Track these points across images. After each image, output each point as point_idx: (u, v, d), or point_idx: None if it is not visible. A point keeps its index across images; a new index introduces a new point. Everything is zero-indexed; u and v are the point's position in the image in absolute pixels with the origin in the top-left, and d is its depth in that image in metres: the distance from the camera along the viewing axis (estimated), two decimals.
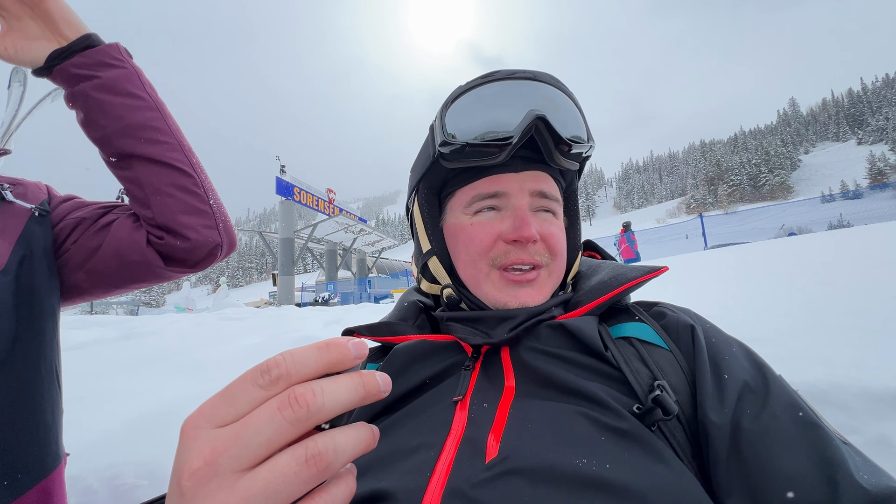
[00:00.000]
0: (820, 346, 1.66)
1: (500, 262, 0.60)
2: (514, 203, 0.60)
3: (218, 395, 0.27)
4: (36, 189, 0.80)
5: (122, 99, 0.75)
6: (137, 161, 0.76)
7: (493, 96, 0.60)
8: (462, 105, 0.61)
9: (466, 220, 0.63)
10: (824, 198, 32.21)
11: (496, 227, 0.60)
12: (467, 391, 0.52)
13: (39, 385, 0.70)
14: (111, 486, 1.53)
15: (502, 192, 0.61)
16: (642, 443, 0.42)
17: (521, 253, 0.59)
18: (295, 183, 22.85)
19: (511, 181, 0.61)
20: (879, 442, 1.17)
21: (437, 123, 0.62)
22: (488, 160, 0.59)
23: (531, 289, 0.60)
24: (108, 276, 0.79)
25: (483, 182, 0.62)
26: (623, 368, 0.50)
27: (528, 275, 0.60)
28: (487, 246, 0.60)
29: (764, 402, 0.45)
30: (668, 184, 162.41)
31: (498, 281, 0.60)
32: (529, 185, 0.61)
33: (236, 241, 0.86)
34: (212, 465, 0.24)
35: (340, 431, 0.27)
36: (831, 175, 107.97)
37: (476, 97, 0.61)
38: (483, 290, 0.61)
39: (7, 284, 0.66)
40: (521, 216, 0.58)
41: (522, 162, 0.61)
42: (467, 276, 0.63)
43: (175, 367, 2.89)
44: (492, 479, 0.40)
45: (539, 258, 0.60)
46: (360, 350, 0.28)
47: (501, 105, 0.59)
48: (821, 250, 3.84)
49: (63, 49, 0.74)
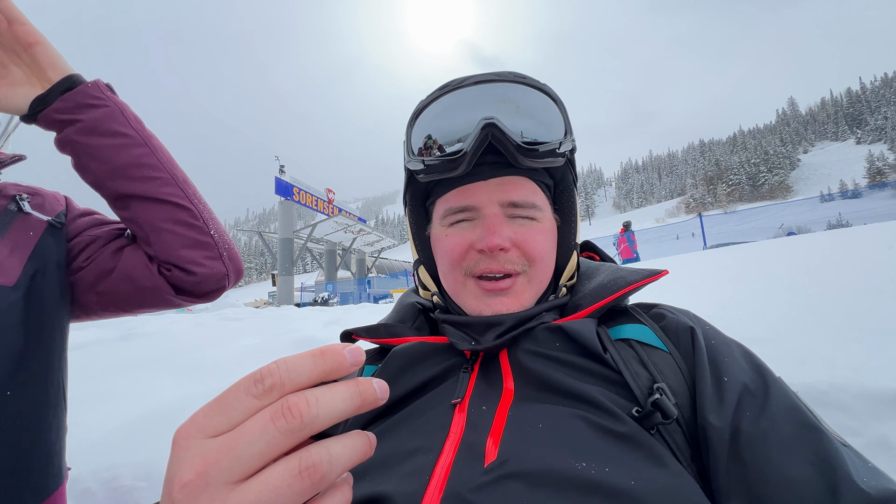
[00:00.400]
0: (820, 346, 1.66)
1: (472, 271, 0.60)
2: (484, 213, 0.60)
3: (211, 404, 0.26)
4: (54, 200, 0.80)
5: (107, 140, 0.73)
6: (133, 200, 0.75)
7: (449, 108, 0.60)
8: (424, 120, 0.61)
9: (443, 231, 0.63)
10: (823, 197, 32.25)
11: (467, 238, 0.60)
12: (466, 394, 0.52)
13: (45, 405, 0.70)
14: (109, 487, 1.52)
15: (471, 205, 0.61)
16: (641, 446, 0.42)
17: (490, 262, 0.59)
18: (294, 183, 22.86)
19: (480, 192, 0.60)
20: (880, 443, 1.17)
21: (405, 141, 0.62)
22: (451, 173, 0.59)
23: (506, 297, 0.59)
24: (119, 300, 0.79)
25: (453, 194, 0.62)
26: (622, 371, 0.50)
27: (501, 283, 0.59)
28: (459, 256, 0.61)
29: (764, 405, 0.45)
30: (668, 183, 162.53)
31: (474, 289, 0.61)
32: (497, 196, 0.60)
33: (242, 268, 0.86)
34: (203, 477, 0.24)
35: (336, 441, 0.26)
36: (830, 174, 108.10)
37: (434, 111, 0.61)
38: (461, 298, 0.62)
39: (16, 301, 0.66)
40: (487, 225, 0.58)
41: (491, 168, 0.60)
42: (447, 284, 0.64)
43: (174, 368, 2.88)
44: (491, 483, 0.40)
45: (512, 266, 0.59)
46: (356, 357, 0.27)
47: (456, 116, 0.59)
48: (820, 250, 3.85)
49: (44, 95, 0.71)
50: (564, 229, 0.66)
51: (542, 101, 0.60)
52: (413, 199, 0.69)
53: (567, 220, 0.66)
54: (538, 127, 0.59)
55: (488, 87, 0.59)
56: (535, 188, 0.62)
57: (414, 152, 0.61)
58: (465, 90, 0.59)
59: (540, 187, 0.63)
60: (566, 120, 0.60)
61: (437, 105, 0.60)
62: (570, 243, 0.66)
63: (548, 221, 0.63)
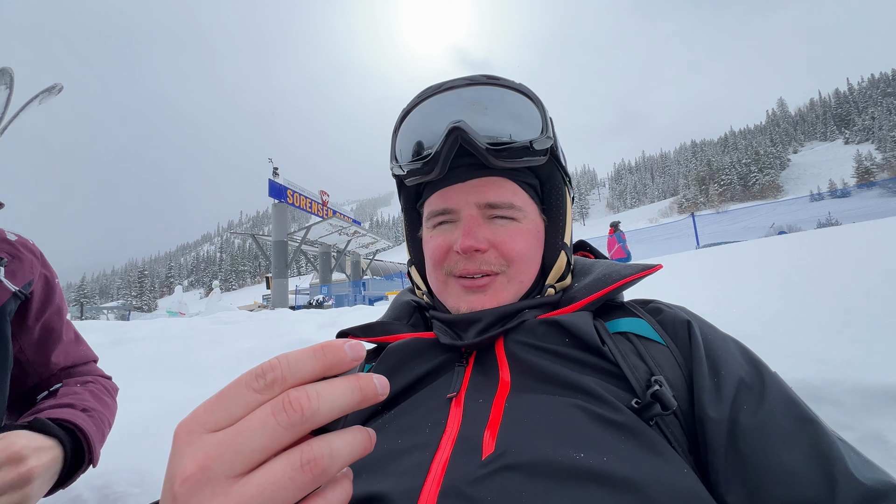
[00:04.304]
0: (812, 343, 1.67)
1: (452, 271, 0.62)
2: (462, 214, 0.62)
3: (212, 399, 0.27)
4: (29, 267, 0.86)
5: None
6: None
7: (425, 114, 0.62)
8: (404, 128, 0.64)
9: (428, 233, 0.66)
10: (813, 196, 32.65)
11: (448, 239, 0.62)
12: (461, 388, 0.52)
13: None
14: (101, 494, 1.50)
15: (448, 208, 0.62)
16: (639, 435, 0.42)
17: (467, 263, 0.60)
18: (288, 185, 22.72)
19: (457, 195, 0.62)
20: (872, 437, 1.18)
21: (390, 148, 0.65)
22: (428, 177, 0.61)
23: (483, 295, 0.60)
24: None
25: (434, 198, 0.64)
26: (620, 363, 0.50)
27: (478, 281, 0.60)
28: (441, 257, 0.63)
29: (760, 399, 0.45)
30: (661, 184, 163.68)
31: (454, 287, 0.62)
32: (474, 198, 0.61)
33: None
34: (205, 470, 0.24)
35: (336, 436, 0.26)
36: (819, 174, 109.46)
37: (413, 119, 0.63)
38: (443, 296, 0.64)
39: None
40: (465, 229, 0.59)
41: (468, 170, 0.61)
42: (432, 283, 0.66)
43: (167, 373, 2.86)
44: (488, 476, 0.40)
45: (489, 266, 0.60)
46: (356, 352, 0.28)
47: (431, 122, 0.61)
48: (811, 248, 3.89)
49: None
50: (551, 229, 0.65)
51: (515, 99, 0.61)
52: (406, 202, 0.72)
53: (555, 219, 0.65)
54: (510, 126, 0.59)
55: (461, 91, 0.60)
56: (514, 188, 0.62)
57: (396, 159, 0.64)
58: (440, 96, 0.61)
59: (522, 187, 0.63)
60: (544, 118, 0.60)
61: (416, 113, 0.63)
62: (557, 243, 0.65)
63: (530, 221, 0.63)
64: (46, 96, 0.97)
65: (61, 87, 0.98)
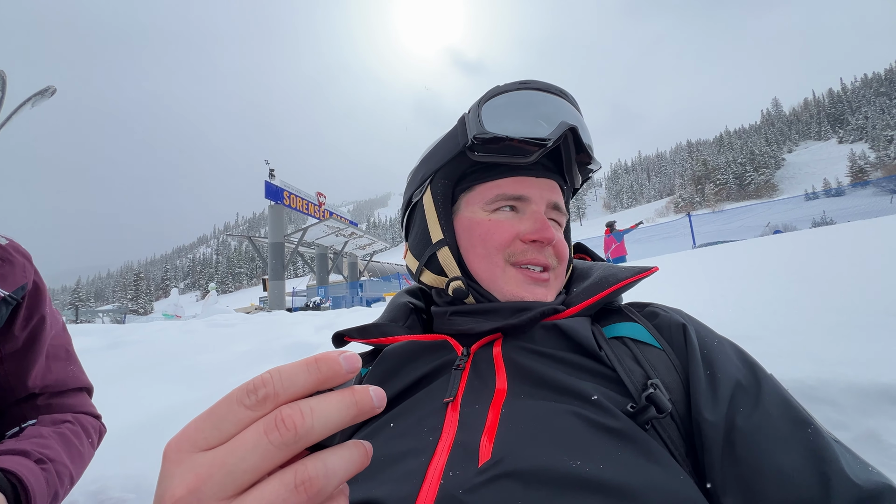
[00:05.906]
0: (808, 343, 1.68)
1: (514, 259, 0.63)
2: (533, 208, 0.64)
3: (203, 416, 0.26)
4: (21, 271, 0.84)
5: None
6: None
7: (529, 102, 0.64)
8: (498, 103, 0.63)
9: (484, 215, 0.65)
10: (808, 196, 32.83)
11: (515, 227, 0.63)
12: (458, 392, 0.52)
13: None
14: (97, 500, 1.49)
15: (525, 196, 0.64)
16: (636, 442, 0.42)
17: (537, 254, 0.62)
18: (284, 187, 22.67)
19: (533, 187, 0.64)
20: (868, 437, 1.18)
21: (471, 116, 0.63)
22: (519, 159, 0.62)
23: (545, 289, 0.63)
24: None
25: (508, 182, 0.64)
26: (616, 368, 0.50)
27: (543, 275, 0.63)
28: (505, 242, 0.62)
29: (756, 401, 0.46)
30: (657, 183, 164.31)
31: (515, 276, 0.62)
32: (548, 196, 0.65)
33: None
34: (195, 493, 0.23)
35: (332, 452, 0.26)
36: (814, 173, 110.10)
37: (512, 100, 0.64)
38: (498, 284, 0.63)
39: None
40: (541, 220, 0.62)
41: (543, 169, 0.66)
42: (481, 269, 0.64)
43: (163, 376, 2.84)
44: (485, 484, 0.39)
45: (551, 261, 0.64)
46: (351, 364, 0.26)
47: (537, 111, 0.63)
48: (806, 248, 3.91)
49: None
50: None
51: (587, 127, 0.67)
52: (446, 178, 0.67)
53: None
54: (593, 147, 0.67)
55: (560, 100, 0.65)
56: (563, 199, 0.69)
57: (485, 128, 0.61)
58: (542, 94, 0.64)
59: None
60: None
61: (514, 96, 0.64)
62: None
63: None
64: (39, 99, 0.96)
65: (54, 89, 0.97)
